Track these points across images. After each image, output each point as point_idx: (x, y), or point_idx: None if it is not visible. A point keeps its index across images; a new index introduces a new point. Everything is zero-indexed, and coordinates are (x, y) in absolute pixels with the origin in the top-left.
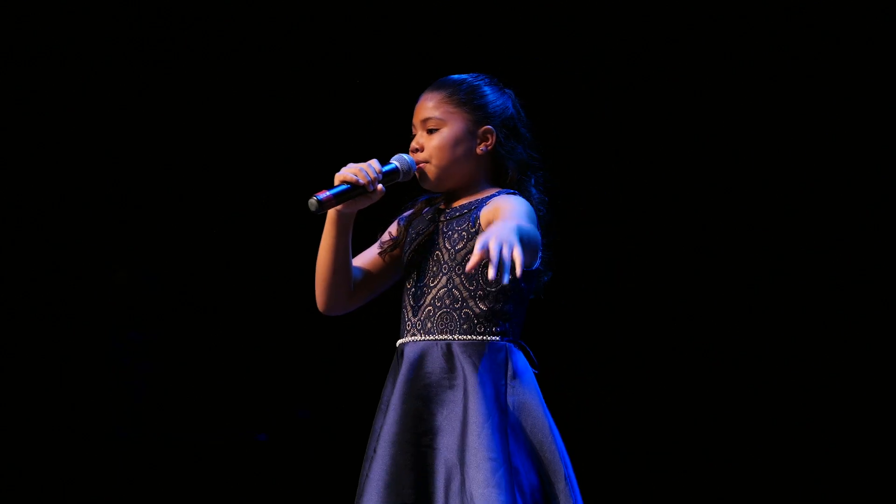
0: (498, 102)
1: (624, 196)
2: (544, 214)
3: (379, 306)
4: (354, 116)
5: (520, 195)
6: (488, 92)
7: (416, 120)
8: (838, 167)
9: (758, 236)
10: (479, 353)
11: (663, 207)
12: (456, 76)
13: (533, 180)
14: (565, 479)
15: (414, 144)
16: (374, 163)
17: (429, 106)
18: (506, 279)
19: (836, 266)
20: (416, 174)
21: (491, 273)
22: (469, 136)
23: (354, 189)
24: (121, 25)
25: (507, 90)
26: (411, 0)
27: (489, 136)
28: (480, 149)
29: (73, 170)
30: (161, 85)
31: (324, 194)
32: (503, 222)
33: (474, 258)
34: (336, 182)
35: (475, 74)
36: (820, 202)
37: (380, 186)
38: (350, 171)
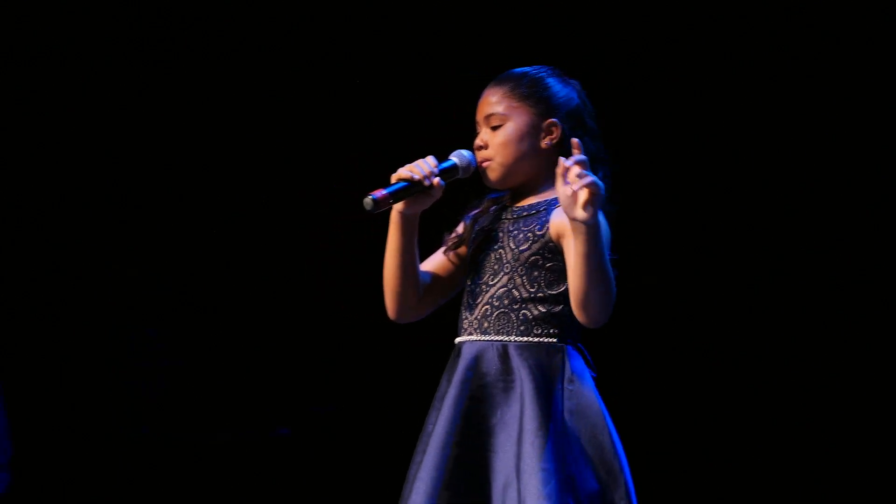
0: (562, 94)
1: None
2: (612, 210)
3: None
4: (354, 116)
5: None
6: (552, 84)
7: (479, 116)
8: (838, 167)
9: (757, 236)
10: (536, 356)
11: (661, 208)
12: (518, 70)
13: (601, 174)
14: (625, 485)
15: (478, 142)
16: (430, 159)
17: (492, 101)
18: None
19: (836, 266)
20: (480, 172)
21: (572, 172)
22: (534, 131)
23: (411, 186)
24: (121, 25)
25: (571, 81)
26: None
27: (554, 129)
28: (545, 143)
29: (82, 165)
30: (161, 85)
31: (379, 193)
32: None
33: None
34: (392, 181)
35: (537, 66)
36: (820, 202)
37: (437, 181)
38: (405, 169)
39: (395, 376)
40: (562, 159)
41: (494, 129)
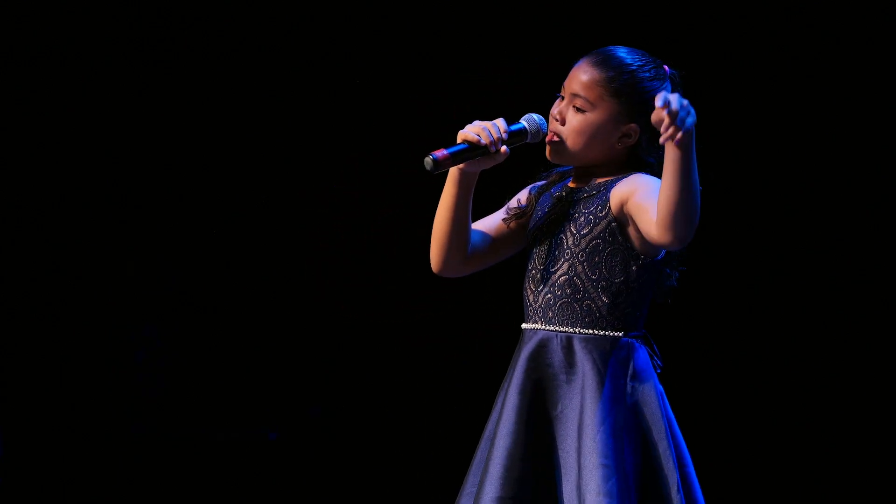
0: (653, 98)
1: None
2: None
3: (392, 309)
4: (353, 117)
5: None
6: (648, 88)
7: (567, 86)
8: (838, 167)
9: (757, 236)
10: (601, 350)
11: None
12: (622, 53)
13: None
14: (677, 484)
15: (555, 111)
16: (501, 122)
17: (583, 80)
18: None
19: (837, 266)
20: (546, 144)
21: (668, 108)
22: (612, 129)
23: (474, 149)
24: (121, 25)
25: (669, 74)
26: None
27: (633, 133)
28: (620, 143)
29: (82, 166)
30: (161, 85)
31: (440, 153)
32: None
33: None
34: (458, 140)
35: (641, 56)
36: (820, 202)
37: (504, 148)
38: (473, 130)
39: (389, 379)
40: (658, 100)
41: (577, 110)
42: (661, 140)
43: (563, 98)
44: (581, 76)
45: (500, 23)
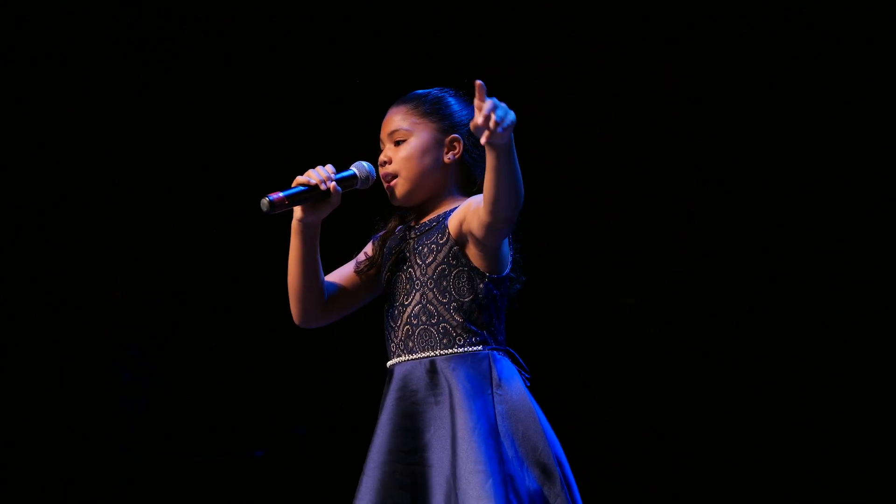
0: (464, 112)
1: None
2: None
3: (374, 322)
4: (353, 119)
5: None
6: (453, 102)
7: (384, 134)
8: (838, 167)
9: (757, 237)
10: (462, 365)
11: (660, 209)
12: (421, 90)
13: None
14: (561, 482)
15: (382, 158)
16: (329, 166)
17: (395, 119)
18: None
19: (837, 266)
20: (386, 190)
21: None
22: (436, 146)
23: (308, 191)
24: (121, 25)
25: (468, 99)
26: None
27: (456, 144)
28: (448, 157)
29: (72, 181)
30: (161, 87)
31: (276, 195)
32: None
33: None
34: (292, 185)
35: (440, 87)
36: (820, 202)
37: (332, 185)
38: (303, 175)
39: (375, 397)
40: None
41: (398, 144)
42: (483, 140)
43: (383, 148)
44: (393, 117)
45: (500, 23)
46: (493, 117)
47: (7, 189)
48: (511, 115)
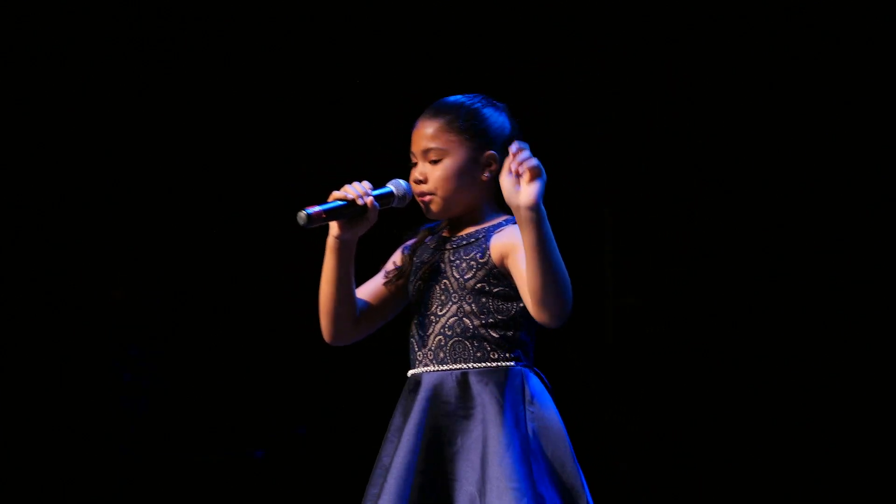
0: (497, 124)
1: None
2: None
3: (379, 329)
4: (354, 121)
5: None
6: (487, 115)
7: (416, 149)
8: (839, 167)
9: (757, 237)
10: (496, 380)
11: (660, 209)
12: (452, 100)
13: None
14: (587, 502)
15: (417, 175)
16: (365, 182)
17: (428, 134)
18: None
19: (837, 266)
20: (421, 206)
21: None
22: (473, 164)
23: (345, 206)
24: (121, 26)
25: (500, 106)
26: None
27: (492, 161)
28: (485, 175)
29: (72, 181)
30: (160, 87)
31: (313, 208)
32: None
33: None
34: (329, 200)
35: (470, 96)
36: (820, 202)
37: (370, 200)
38: (339, 190)
39: (375, 397)
40: (510, 148)
41: (433, 162)
42: (513, 168)
43: (416, 163)
44: (425, 131)
45: (500, 23)
46: (522, 157)
47: (7, 189)
48: (542, 169)
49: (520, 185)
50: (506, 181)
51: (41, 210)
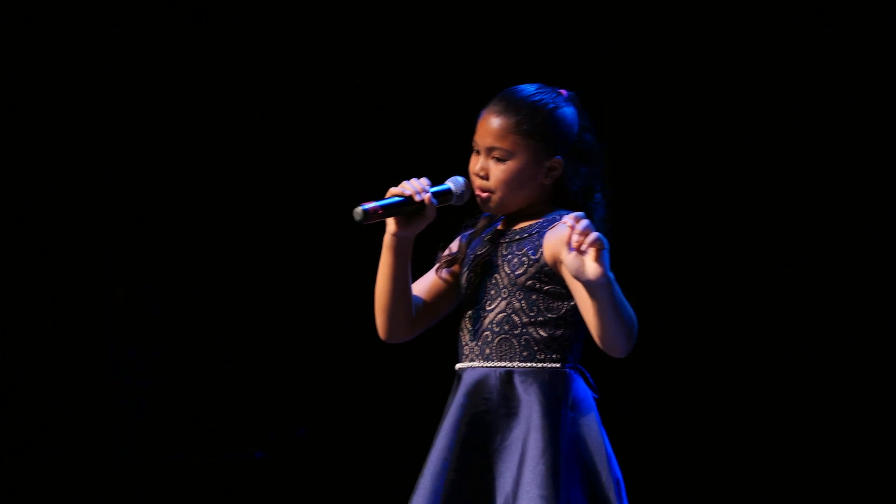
0: (566, 128)
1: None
2: (608, 229)
3: (374, 322)
4: (354, 122)
5: (585, 217)
6: (559, 118)
7: (481, 142)
8: (839, 167)
9: (758, 237)
10: (539, 381)
11: (660, 209)
12: (523, 94)
13: (598, 196)
14: None
15: (478, 169)
16: (424, 179)
17: (495, 131)
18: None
19: (837, 266)
20: (477, 200)
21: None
22: (537, 169)
23: (402, 203)
24: (120, 27)
25: (571, 99)
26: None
27: (557, 166)
28: (547, 179)
29: (72, 181)
30: (161, 87)
31: (370, 204)
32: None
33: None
34: (386, 196)
35: (541, 92)
36: (820, 202)
37: (427, 197)
38: (398, 186)
39: (375, 398)
40: (566, 220)
41: (497, 160)
42: (574, 243)
43: (478, 153)
44: (491, 128)
45: (499, 23)
46: (583, 232)
47: (7, 189)
48: (604, 242)
49: (581, 258)
50: (569, 257)
51: (40, 210)
